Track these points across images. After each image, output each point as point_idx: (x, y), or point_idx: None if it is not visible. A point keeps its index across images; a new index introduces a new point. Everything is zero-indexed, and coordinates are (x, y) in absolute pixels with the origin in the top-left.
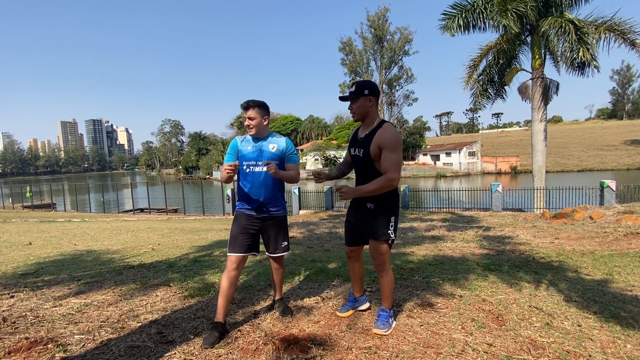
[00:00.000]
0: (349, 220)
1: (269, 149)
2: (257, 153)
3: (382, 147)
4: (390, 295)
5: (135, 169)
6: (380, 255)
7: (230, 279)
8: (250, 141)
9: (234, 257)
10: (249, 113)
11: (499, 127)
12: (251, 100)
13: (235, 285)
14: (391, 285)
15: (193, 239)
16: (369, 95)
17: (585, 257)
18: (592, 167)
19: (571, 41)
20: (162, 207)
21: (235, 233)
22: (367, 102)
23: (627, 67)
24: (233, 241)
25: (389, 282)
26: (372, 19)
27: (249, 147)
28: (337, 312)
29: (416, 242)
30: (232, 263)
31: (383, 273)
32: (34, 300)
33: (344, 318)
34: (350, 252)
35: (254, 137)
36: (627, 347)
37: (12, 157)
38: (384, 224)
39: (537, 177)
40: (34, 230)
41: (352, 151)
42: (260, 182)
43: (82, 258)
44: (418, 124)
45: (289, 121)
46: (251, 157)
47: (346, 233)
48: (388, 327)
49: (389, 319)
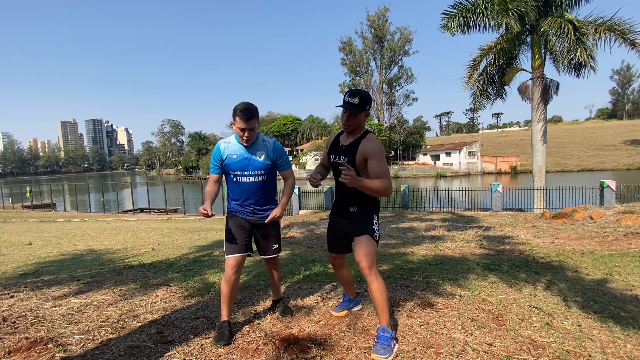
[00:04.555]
0: (331, 227)
1: (257, 157)
2: (245, 162)
3: (368, 157)
4: (385, 308)
5: (135, 169)
6: (367, 254)
7: (231, 283)
8: (235, 148)
9: (233, 259)
10: (250, 123)
11: (499, 127)
12: (252, 107)
13: (236, 289)
14: (384, 293)
15: (193, 239)
16: (367, 110)
17: (585, 257)
18: (592, 167)
19: (570, 41)
20: (162, 207)
21: (232, 233)
22: (364, 117)
23: (627, 67)
24: (231, 241)
25: (379, 289)
26: (372, 19)
27: (235, 155)
28: (332, 311)
29: (416, 242)
30: (232, 266)
31: (372, 277)
32: (34, 300)
33: (344, 318)
34: (334, 260)
35: (241, 143)
36: (627, 347)
37: (12, 157)
38: (368, 221)
39: (537, 177)
40: (34, 230)
41: (332, 157)
42: (250, 191)
43: (82, 258)
44: (418, 123)
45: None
46: (237, 166)
47: (329, 240)
48: (389, 352)
49: (390, 342)
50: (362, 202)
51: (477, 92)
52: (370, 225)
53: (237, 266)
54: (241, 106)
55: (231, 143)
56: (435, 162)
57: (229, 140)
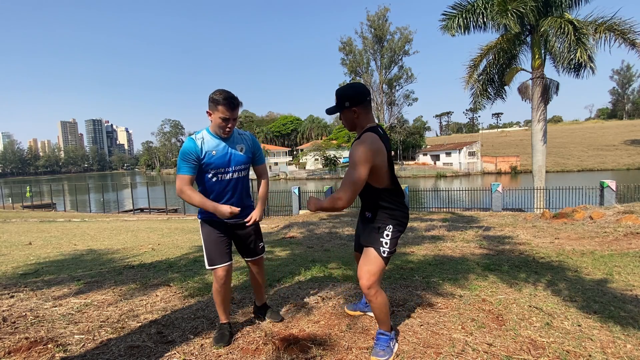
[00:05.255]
0: (357, 226)
1: (238, 150)
2: (226, 158)
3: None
4: (385, 320)
5: (135, 169)
6: (368, 272)
7: (224, 293)
8: (213, 143)
9: (222, 270)
10: (235, 113)
11: (499, 127)
12: (235, 96)
13: (230, 294)
14: (384, 309)
15: (193, 239)
16: (350, 107)
17: (585, 257)
18: (592, 167)
19: (570, 42)
20: (162, 207)
21: (214, 243)
22: (352, 114)
23: (627, 67)
24: (215, 252)
25: (380, 306)
26: (372, 19)
27: (214, 151)
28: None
29: (416, 242)
30: (222, 277)
31: (371, 297)
32: (34, 300)
33: (344, 318)
34: (356, 258)
35: (217, 137)
36: (627, 347)
37: (12, 157)
38: (376, 232)
39: (537, 177)
40: (34, 230)
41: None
42: (232, 189)
43: (82, 258)
44: (418, 124)
45: (289, 121)
46: (219, 163)
47: (355, 239)
48: (389, 354)
49: (389, 342)
50: (376, 208)
51: (477, 92)
52: (379, 238)
53: (227, 276)
54: (224, 94)
55: (206, 138)
56: (435, 162)
57: (201, 135)
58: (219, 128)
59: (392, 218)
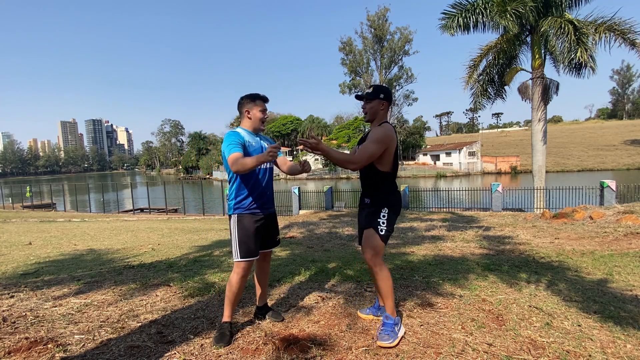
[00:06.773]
0: (358, 220)
1: (266, 145)
2: (261, 150)
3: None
4: (389, 295)
5: (135, 169)
6: (368, 246)
7: (242, 286)
8: (249, 137)
9: (248, 263)
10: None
11: (499, 127)
12: None
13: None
14: (388, 282)
15: (193, 239)
16: (383, 99)
17: (585, 257)
18: (592, 167)
19: (570, 42)
20: (162, 207)
21: (249, 237)
22: (380, 106)
23: (627, 67)
24: (249, 245)
25: (383, 278)
26: (372, 19)
27: (253, 142)
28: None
29: (416, 242)
30: (246, 269)
31: (376, 268)
32: (34, 300)
33: (344, 318)
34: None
35: (251, 133)
36: (627, 347)
37: (12, 157)
38: (375, 214)
39: (537, 177)
40: (34, 230)
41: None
42: (267, 179)
43: (82, 258)
44: (418, 123)
45: (289, 121)
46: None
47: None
48: (394, 337)
49: (394, 327)
50: (374, 194)
51: (477, 92)
52: (377, 219)
53: (249, 268)
54: (257, 93)
55: (242, 133)
56: (435, 162)
57: (242, 129)
58: (260, 120)
59: (388, 202)
